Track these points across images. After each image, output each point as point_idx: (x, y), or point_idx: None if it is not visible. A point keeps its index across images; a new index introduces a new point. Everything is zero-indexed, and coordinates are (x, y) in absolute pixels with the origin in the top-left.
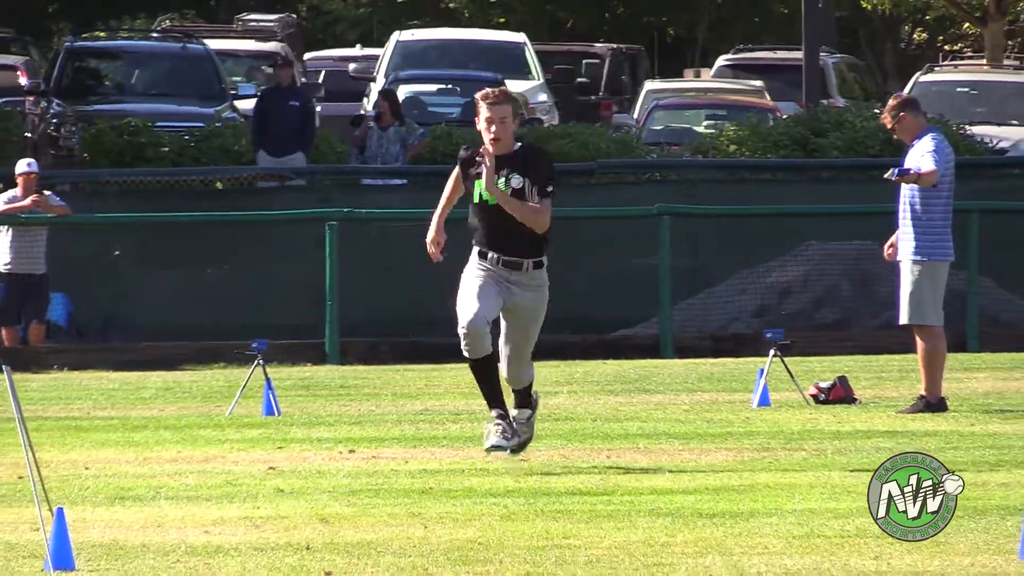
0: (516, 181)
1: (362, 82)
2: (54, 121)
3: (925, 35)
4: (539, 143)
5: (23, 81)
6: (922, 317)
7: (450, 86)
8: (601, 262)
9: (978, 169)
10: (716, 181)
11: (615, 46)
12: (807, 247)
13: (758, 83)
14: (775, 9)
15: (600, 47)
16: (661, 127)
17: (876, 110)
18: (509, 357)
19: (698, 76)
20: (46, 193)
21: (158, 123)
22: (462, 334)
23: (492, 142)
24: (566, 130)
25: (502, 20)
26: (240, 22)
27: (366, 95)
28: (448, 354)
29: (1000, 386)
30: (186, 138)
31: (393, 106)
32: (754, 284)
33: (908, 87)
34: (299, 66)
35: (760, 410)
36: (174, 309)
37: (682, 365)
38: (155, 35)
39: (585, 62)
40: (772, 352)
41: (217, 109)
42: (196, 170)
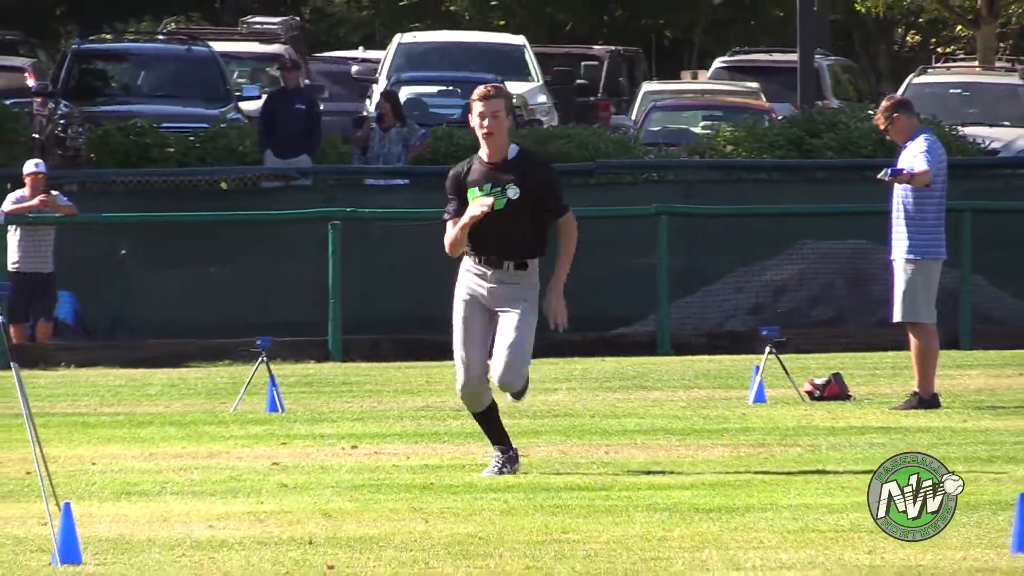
0: (513, 192)
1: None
2: (61, 122)
3: (918, 37)
4: (539, 144)
5: (31, 83)
6: (915, 315)
7: (451, 88)
8: (600, 261)
9: (970, 169)
10: (713, 181)
11: (613, 48)
12: (802, 246)
13: (754, 85)
14: (771, 12)
15: (598, 49)
16: (659, 128)
17: (870, 111)
18: (498, 358)
19: (695, 78)
20: (54, 193)
21: (164, 124)
22: (459, 394)
23: (485, 137)
24: (565, 131)
25: (502, 23)
26: (244, 25)
27: (368, 96)
28: (449, 352)
29: (992, 383)
30: (191, 139)
31: (395, 107)
32: (750, 282)
33: (901, 89)
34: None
35: (756, 406)
36: (179, 307)
37: (679, 362)
38: (160, 37)
39: (584, 64)
40: (768, 349)
41: (222, 110)
42: (201, 170)
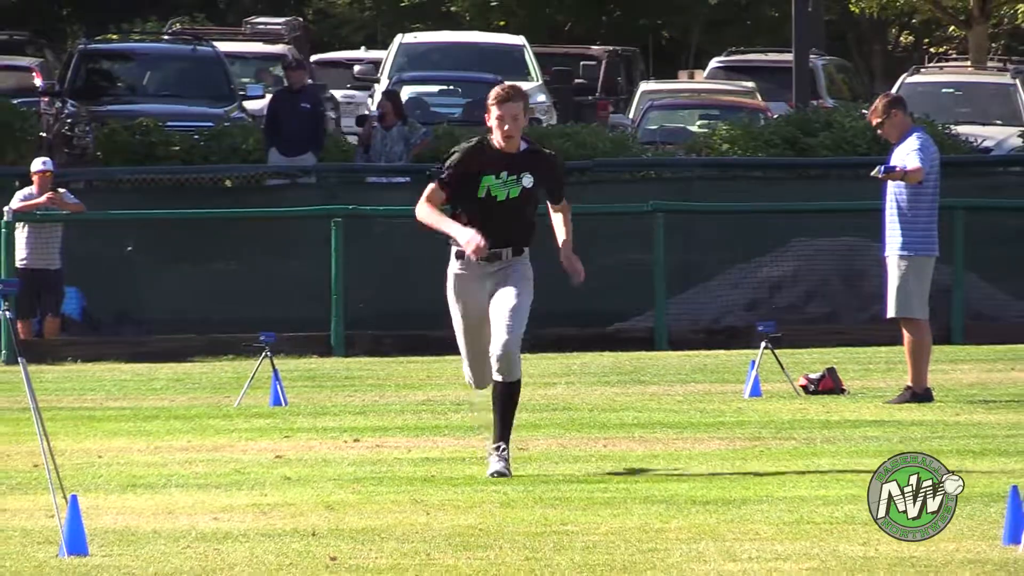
0: (527, 180)
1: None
2: (68, 121)
3: (911, 38)
4: (538, 142)
5: (38, 82)
6: (908, 311)
7: (452, 87)
8: (598, 257)
9: (963, 167)
10: (709, 179)
11: (611, 48)
12: (797, 243)
13: (750, 84)
14: (766, 13)
15: (597, 49)
16: (656, 127)
17: (864, 110)
18: (495, 335)
19: (692, 77)
20: (61, 191)
21: (169, 123)
22: (469, 385)
23: (505, 139)
24: (564, 130)
25: (502, 23)
26: (248, 25)
27: (371, 95)
28: (450, 347)
29: (984, 377)
30: (196, 137)
31: (397, 106)
32: (746, 279)
33: (895, 88)
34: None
35: (751, 400)
36: (184, 303)
37: (676, 357)
38: (166, 38)
39: (582, 64)
40: (763, 344)
41: (226, 109)
42: (206, 168)
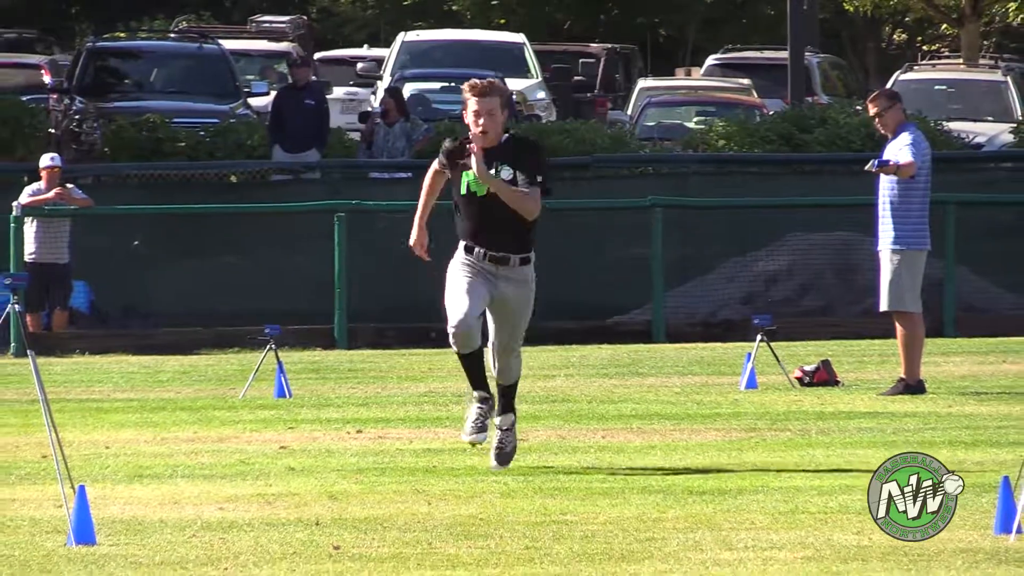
0: (506, 173)
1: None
2: (76, 117)
3: (905, 36)
4: (537, 139)
5: (47, 79)
6: (901, 304)
7: (453, 84)
8: (597, 252)
9: (954, 163)
10: (706, 174)
11: (610, 46)
12: (792, 237)
13: (746, 81)
14: (762, 11)
15: (595, 47)
16: (654, 123)
17: (858, 107)
18: (498, 352)
19: (689, 75)
20: (69, 186)
21: (175, 119)
22: (451, 332)
23: (480, 135)
24: (563, 126)
25: (502, 21)
26: (253, 23)
27: (373, 92)
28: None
29: (976, 370)
30: (202, 134)
31: (399, 103)
32: (742, 273)
33: (889, 85)
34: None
35: (747, 392)
36: (191, 296)
37: (673, 349)
38: (172, 36)
39: (581, 61)
40: (759, 337)
41: (231, 106)
42: (212, 164)
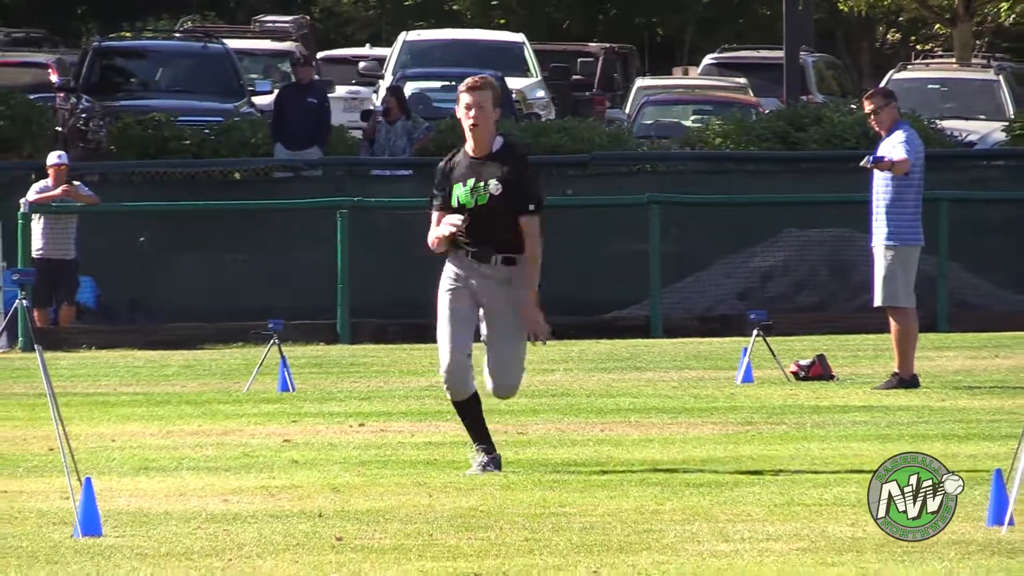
0: (494, 187)
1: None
2: (83, 116)
3: (898, 35)
4: (536, 136)
5: (54, 78)
6: (895, 299)
7: (454, 83)
8: (595, 248)
9: (947, 161)
10: (702, 172)
11: (608, 45)
12: (788, 234)
13: (742, 80)
14: (758, 11)
15: (594, 46)
16: (651, 121)
17: (853, 106)
18: (493, 367)
19: (686, 74)
20: (75, 183)
21: (180, 118)
22: (443, 379)
23: (471, 128)
24: (562, 124)
25: (502, 21)
26: (257, 23)
27: (375, 91)
28: None
29: (968, 364)
30: (206, 132)
31: (400, 102)
32: (738, 269)
33: (883, 84)
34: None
35: (744, 386)
36: (195, 292)
37: (671, 344)
38: (177, 35)
39: (580, 60)
40: (755, 332)
41: (236, 105)
42: (216, 162)
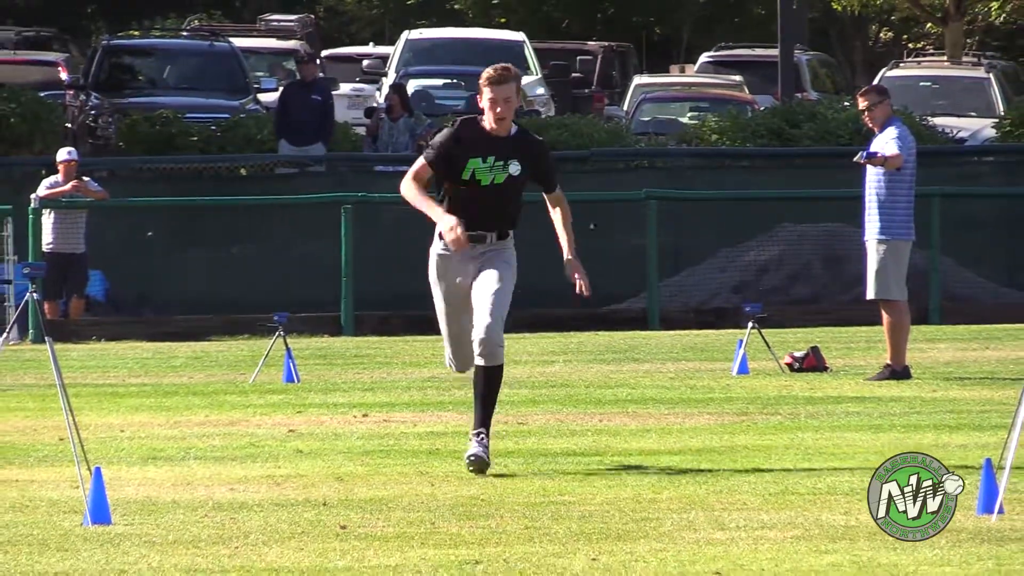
0: (514, 168)
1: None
2: (92, 113)
3: (891, 34)
4: (537, 133)
5: (64, 76)
6: (887, 292)
7: (455, 80)
8: (593, 242)
9: (939, 157)
10: (699, 168)
11: (606, 44)
12: (782, 228)
13: (737, 78)
14: (753, 10)
15: (593, 45)
16: (649, 118)
17: (846, 103)
18: (477, 318)
19: (683, 72)
20: (85, 179)
21: (187, 114)
22: (449, 364)
23: (497, 121)
24: (562, 121)
25: (503, 20)
26: (263, 22)
27: (379, 89)
28: None
29: (959, 356)
30: (213, 128)
31: (403, 99)
32: (734, 262)
33: (875, 81)
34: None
35: (739, 377)
36: (202, 285)
37: (668, 336)
38: (185, 34)
39: (579, 59)
40: (750, 324)
41: (241, 102)
42: (222, 157)
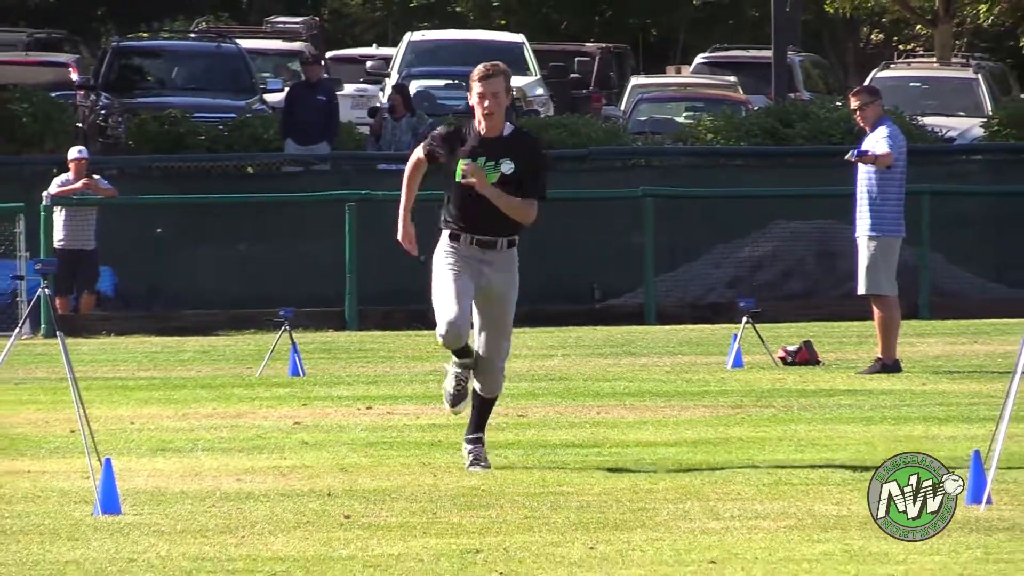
0: (506, 167)
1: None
2: (102, 112)
3: (882, 36)
4: (537, 132)
5: (74, 77)
6: (878, 288)
7: (456, 81)
8: (592, 239)
9: (928, 155)
10: (695, 166)
11: (604, 45)
12: (776, 225)
13: (732, 79)
14: (748, 13)
15: (591, 46)
16: (645, 118)
17: (838, 103)
18: (483, 355)
19: (679, 72)
20: (95, 177)
21: (195, 114)
22: (440, 336)
23: (485, 116)
24: (560, 121)
25: (503, 22)
26: (268, 24)
27: (382, 89)
28: None
29: (948, 350)
30: (220, 128)
31: (405, 99)
32: (728, 258)
33: (867, 82)
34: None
35: (734, 371)
36: (210, 281)
37: (664, 331)
38: (192, 35)
39: (577, 60)
40: (745, 319)
41: (248, 102)
42: (229, 156)
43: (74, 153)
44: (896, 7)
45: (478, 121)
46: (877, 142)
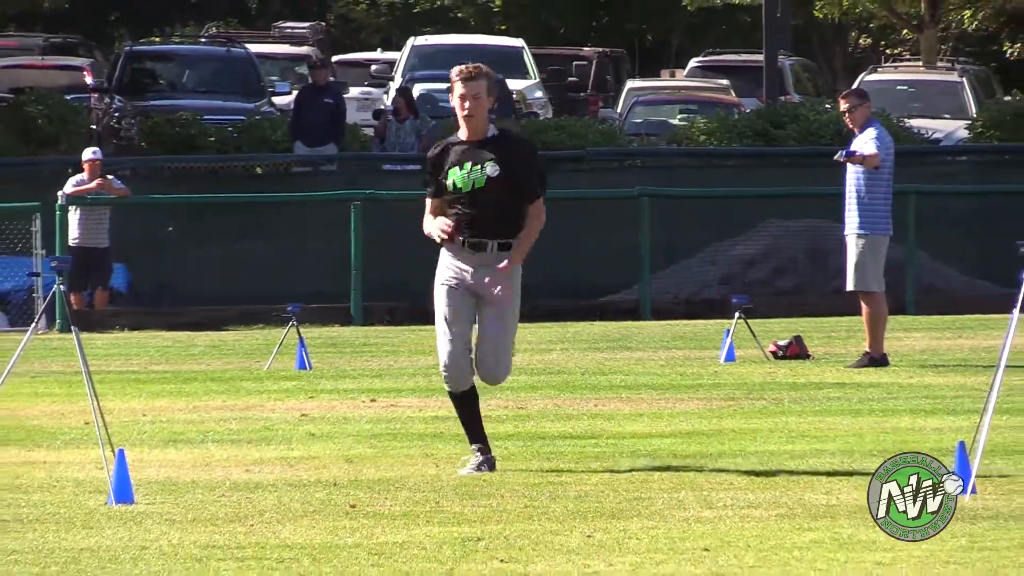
0: (492, 169)
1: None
2: (116, 115)
3: (869, 40)
4: (535, 134)
5: (89, 80)
6: (866, 284)
7: None
8: (589, 237)
9: (915, 156)
10: (689, 167)
11: (601, 50)
12: (768, 224)
13: (725, 82)
14: (740, 18)
15: (588, 51)
16: (641, 120)
17: (827, 105)
18: (485, 352)
19: (673, 76)
20: (109, 177)
21: (206, 116)
22: (443, 371)
23: (465, 119)
24: (559, 123)
25: (503, 27)
26: (276, 29)
27: (386, 92)
28: None
29: (934, 344)
30: (230, 130)
31: (409, 102)
32: (722, 256)
33: (855, 85)
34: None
35: (726, 365)
36: (219, 278)
37: (659, 326)
38: (203, 40)
39: (575, 64)
40: (737, 315)
41: (257, 104)
42: (239, 157)
43: (88, 154)
44: (883, 12)
45: (460, 126)
46: (865, 143)
